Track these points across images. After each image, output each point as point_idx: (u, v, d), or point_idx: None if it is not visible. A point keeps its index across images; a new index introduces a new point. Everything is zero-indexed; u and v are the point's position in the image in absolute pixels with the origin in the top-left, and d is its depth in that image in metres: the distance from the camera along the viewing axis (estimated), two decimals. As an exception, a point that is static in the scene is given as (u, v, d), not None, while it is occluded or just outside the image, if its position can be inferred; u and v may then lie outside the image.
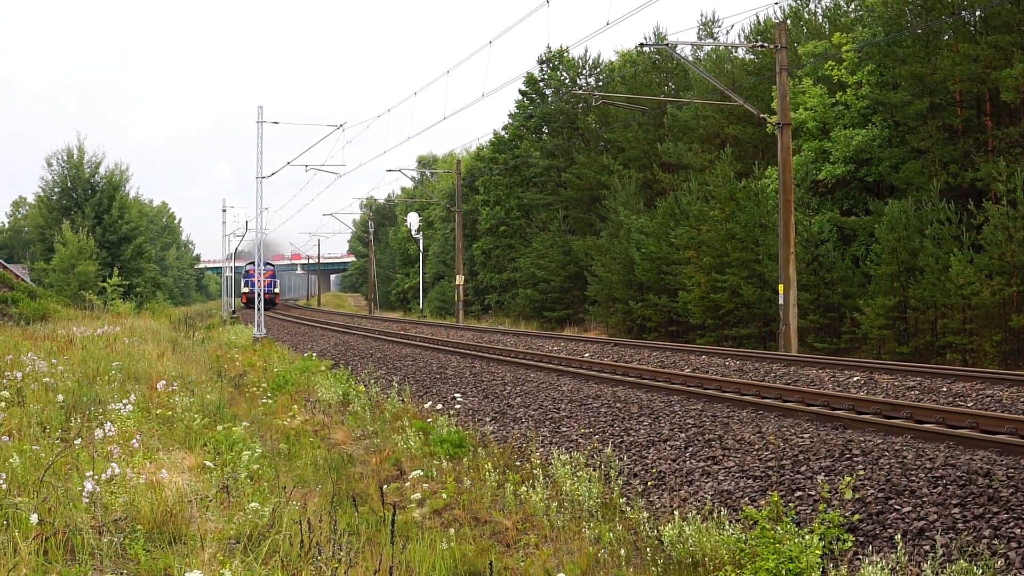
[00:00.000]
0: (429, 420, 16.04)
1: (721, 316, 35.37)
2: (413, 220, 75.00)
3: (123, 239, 73.39)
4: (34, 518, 7.19)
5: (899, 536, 8.26)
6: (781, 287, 27.52)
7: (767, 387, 16.37)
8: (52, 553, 6.87)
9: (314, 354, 28.63)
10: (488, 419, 16.27)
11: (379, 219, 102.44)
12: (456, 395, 18.61)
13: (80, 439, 10.54)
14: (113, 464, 8.55)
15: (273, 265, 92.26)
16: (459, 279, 54.49)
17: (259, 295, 43.46)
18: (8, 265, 73.64)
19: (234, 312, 71.58)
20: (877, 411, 13.47)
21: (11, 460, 8.80)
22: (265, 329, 40.86)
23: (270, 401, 19.78)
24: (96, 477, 8.26)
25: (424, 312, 72.45)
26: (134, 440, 9.98)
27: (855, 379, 17.84)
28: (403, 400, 18.48)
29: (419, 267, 78.20)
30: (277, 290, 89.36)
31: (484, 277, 65.33)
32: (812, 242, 32.21)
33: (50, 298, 49.56)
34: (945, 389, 15.97)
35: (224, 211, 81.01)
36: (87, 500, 7.98)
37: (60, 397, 13.20)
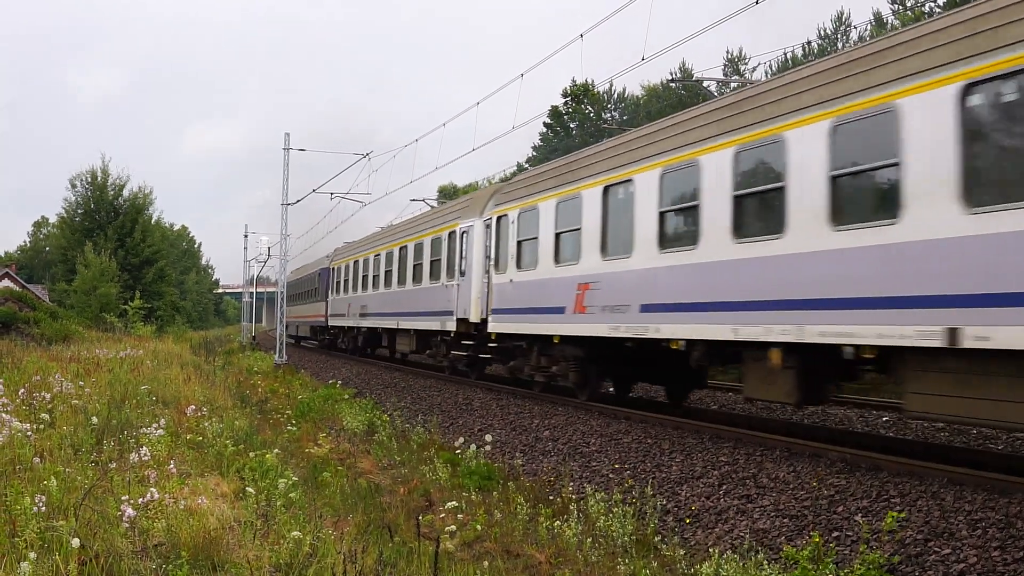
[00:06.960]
0: (458, 452, 15.96)
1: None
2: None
3: (145, 262, 73.54)
4: (75, 542, 7.14)
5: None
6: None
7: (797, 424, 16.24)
8: (94, 577, 6.82)
9: (338, 382, 28.58)
10: (517, 452, 16.18)
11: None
12: (484, 431, 18.54)
13: (115, 463, 10.51)
14: (152, 489, 8.51)
15: None
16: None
17: None
18: (28, 285, 74.03)
19: (254, 338, 71.62)
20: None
21: (47, 483, 8.76)
22: (286, 356, 40.84)
23: (294, 428, 19.71)
24: (133, 501, 8.21)
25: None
26: (171, 465, 9.94)
27: (884, 419, 17.68)
28: (429, 431, 18.41)
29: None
30: None
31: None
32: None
33: (71, 319, 49.65)
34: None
35: (246, 236, 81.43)
36: (127, 525, 7.93)
37: (94, 419, 13.18)
